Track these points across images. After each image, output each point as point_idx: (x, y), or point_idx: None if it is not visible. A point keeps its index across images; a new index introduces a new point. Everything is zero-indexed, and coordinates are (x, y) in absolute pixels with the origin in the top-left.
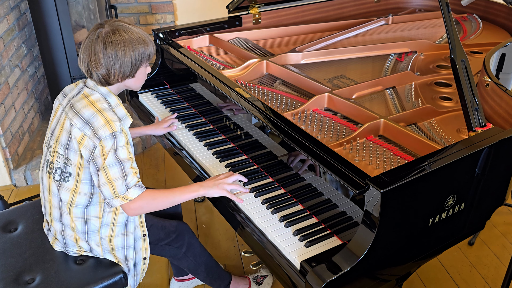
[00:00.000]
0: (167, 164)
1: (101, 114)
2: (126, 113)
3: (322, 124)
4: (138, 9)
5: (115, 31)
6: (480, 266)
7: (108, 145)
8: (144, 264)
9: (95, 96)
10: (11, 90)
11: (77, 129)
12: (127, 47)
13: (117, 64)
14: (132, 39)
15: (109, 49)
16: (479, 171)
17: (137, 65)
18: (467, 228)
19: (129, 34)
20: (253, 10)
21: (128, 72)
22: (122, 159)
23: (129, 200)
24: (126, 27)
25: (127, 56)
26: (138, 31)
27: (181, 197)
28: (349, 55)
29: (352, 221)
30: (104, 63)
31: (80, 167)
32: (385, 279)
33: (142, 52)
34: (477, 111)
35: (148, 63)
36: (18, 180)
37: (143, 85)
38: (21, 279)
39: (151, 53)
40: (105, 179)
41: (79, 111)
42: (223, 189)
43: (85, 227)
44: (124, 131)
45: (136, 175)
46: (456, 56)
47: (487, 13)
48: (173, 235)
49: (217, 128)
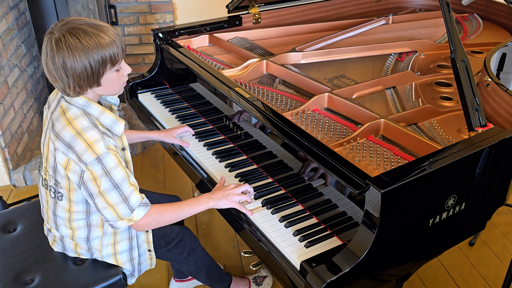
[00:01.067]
0: (167, 164)
1: (81, 137)
2: (115, 118)
3: (322, 124)
4: (137, 8)
5: (62, 37)
6: (481, 267)
7: (97, 170)
8: (150, 255)
9: (73, 112)
10: (10, 90)
11: (61, 153)
12: (77, 54)
13: (69, 75)
14: (83, 44)
15: (57, 59)
16: (479, 171)
17: (96, 73)
18: (468, 228)
19: (79, 37)
20: (253, 9)
21: (85, 83)
22: (118, 182)
23: (134, 221)
24: (76, 28)
25: (77, 66)
26: (95, 31)
27: (190, 210)
28: (349, 55)
29: (352, 222)
30: (56, 75)
31: (70, 190)
32: (385, 279)
33: (97, 58)
34: (477, 111)
35: (119, 66)
36: (17, 180)
37: (143, 84)
38: (20, 280)
39: (113, 55)
40: (104, 204)
41: (59, 134)
42: (233, 200)
43: (87, 234)
44: (112, 148)
45: (137, 192)
46: (457, 55)
47: (487, 12)
48: (174, 242)
49: (217, 128)
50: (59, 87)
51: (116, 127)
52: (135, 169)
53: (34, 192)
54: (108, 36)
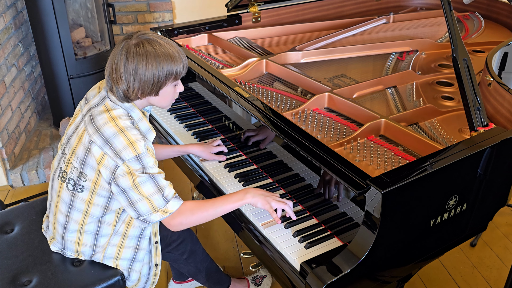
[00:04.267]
0: (166, 165)
1: (124, 135)
2: (150, 127)
3: (322, 124)
4: (136, 7)
5: (140, 44)
6: (482, 268)
7: (136, 166)
8: (156, 271)
9: (118, 111)
10: (8, 89)
11: (97, 147)
12: (150, 62)
13: (137, 79)
14: (157, 53)
15: (130, 62)
16: (481, 171)
17: (160, 82)
18: (469, 229)
19: (154, 48)
20: (252, 8)
21: (148, 89)
22: (154, 174)
23: (169, 213)
24: (153, 40)
25: (148, 72)
26: (167, 45)
27: (224, 207)
28: (350, 54)
29: (353, 222)
30: (124, 77)
31: (96, 184)
32: (386, 280)
33: (167, 70)
34: (479, 111)
35: (177, 82)
36: (14, 180)
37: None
38: (18, 281)
39: (179, 71)
40: (139, 195)
41: (100, 128)
42: (269, 203)
43: (97, 229)
44: (150, 149)
45: (172, 187)
46: (458, 55)
47: (489, 11)
48: (175, 244)
49: (216, 128)
50: (121, 89)
51: (149, 135)
52: None
53: (32, 193)
54: (177, 53)
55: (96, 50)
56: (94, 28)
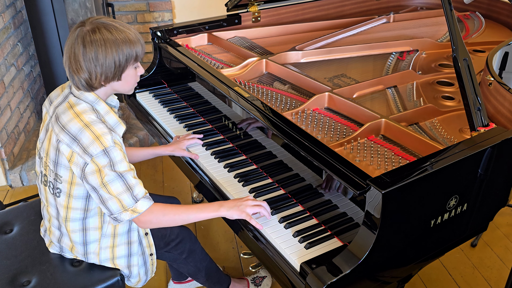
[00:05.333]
0: (165, 165)
1: (89, 129)
2: (118, 120)
3: (322, 123)
4: (135, 7)
5: (95, 29)
6: (483, 268)
7: (103, 161)
8: (152, 260)
9: (81, 106)
10: (7, 89)
11: (65, 145)
12: (109, 47)
13: (98, 66)
14: (115, 38)
15: (89, 50)
16: (481, 171)
17: (121, 66)
18: (470, 229)
19: (111, 32)
20: (252, 8)
21: (111, 74)
22: (122, 172)
23: (138, 213)
24: (108, 24)
25: (109, 57)
26: (123, 29)
27: (197, 215)
28: (350, 54)
29: (353, 222)
30: (84, 66)
31: (72, 184)
32: (386, 281)
33: (127, 53)
34: (479, 111)
35: (137, 64)
36: (13, 180)
37: (141, 84)
38: (17, 281)
39: (139, 53)
40: (108, 194)
41: (65, 126)
42: (244, 211)
43: (83, 238)
44: (118, 143)
45: (142, 186)
46: (459, 54)
47: (490, 11)
48: (173, 243)
49: (216, 128)
50: (83, 78)
51: (118, 129)
52: None
53: (31, 193)
54: (134, 34)
55: None
56: None
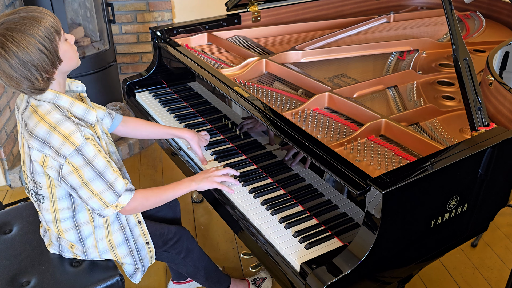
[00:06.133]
0: (165, 165)
1: (56, 131)
2: (87, 107)
3: (322, 123)
4: (135, 6)
5: (5, 36)
6: (483, 268)
7: (78, 161)
8: (149, 248)
9: (43, 107)
10: (6, 89)
11: (36, 150)
12: (25, 43)
13: (30, 67)
14: (24, 30)
15: (11, 59)
16: (482, 171)
17: (52, 51)
18: (470, 229)
19: (19, 28)
20: (252, 7)
21: (49, 65)
22: (101, 170)
23: (121, 207)
24: (13, 23)
25: (32, 52)
26: (26, 14)
27: (174, 193)
28: (350, 54)
29: (353, 223)
30: (19, 76)
31: (52, 187)
32: (386, 281)
33: (43, 35)
34: (480, 111)
35: (64, 35)
36: (13, 180)
37: (140, 84)
38: (16, 282)
39: (53, 25)
40: (89, 193)
41: (33, 131)
42: (214, 181)
43: (78, 235)
44: (89, 137)
45: (121, 178)
46: (459, 54)
47: (490, 10)
48: (171, 242)
49: (215, 127)
50: (27, 87)
51: (88, 116)
52: (133, 169)
53: None
54: (38, 12)
55: (95, 49)
56: (93, 27)
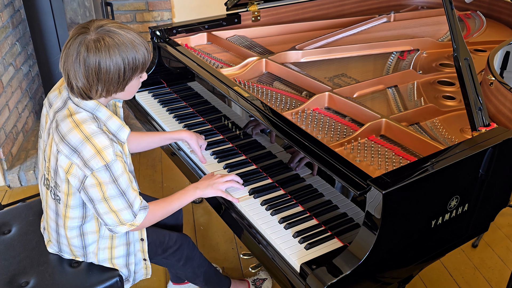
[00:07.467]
0: (164, 165)
1: (90, 143)
2: (121, 124)
3: (322, 123)
4: (134, 6)
5: (100, 39)
6: (484, 269)
7: (104, 177)
8: (145, 265)
9: (82, 115)
10: (5, 89)
11: (64, 156)
12: (114, 60)
13: (100, 80)
14: (120, 46)
15: (92, 62)
16: (483, 171)
17: (125, 80)
18: (471, 230)
19: (117, 38)
20: (252, 7)
21: (114, 88)
22: (124, 189)
23: (136, 226)
24: (115, 33)
25: (113, 71)
26: (131, 36)
27: (180, 203)
28: (350, 53)
29: (353, 223)
30: (85, 77)
31: (69, 194)
32: (386, 282)
33: (132, 65)
34: (480, 110)
35: (143, 72)
36: (12, 181)
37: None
38: (15, 282)
39: (144, 61)
40: (107, 209)
41: (65, 137)
42: (218, 189)
43: (82, 242)
44: (119, 154)
45: (139, 197)
46: (460, 54)
47: (491, 10)
48: (171, 250)
49: (215, 128)
50: (79, 88)
51: (121, 133)
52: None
53: (30, 193)
54: (140, 40)
55: None
56: None
